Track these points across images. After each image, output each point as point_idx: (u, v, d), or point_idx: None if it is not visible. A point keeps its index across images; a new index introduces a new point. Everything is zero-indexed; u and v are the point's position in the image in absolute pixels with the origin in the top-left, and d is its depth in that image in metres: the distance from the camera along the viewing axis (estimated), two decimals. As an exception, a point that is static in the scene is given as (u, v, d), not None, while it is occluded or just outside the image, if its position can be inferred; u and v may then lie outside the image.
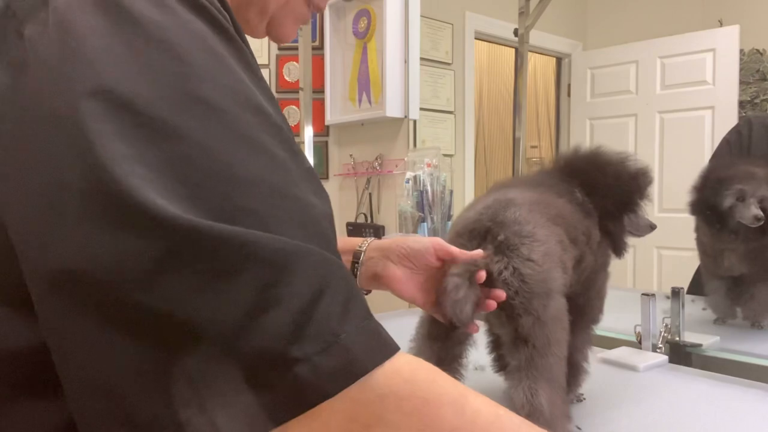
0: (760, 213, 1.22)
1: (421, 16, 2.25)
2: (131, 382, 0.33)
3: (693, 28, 2.18)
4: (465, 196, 2.45)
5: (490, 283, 0.73)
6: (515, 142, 2.11)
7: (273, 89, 2.56)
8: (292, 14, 0.61)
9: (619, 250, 0.95)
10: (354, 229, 2.41)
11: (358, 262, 0.82)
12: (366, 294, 0.83)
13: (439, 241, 0.78)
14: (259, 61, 2.52)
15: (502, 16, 2.44)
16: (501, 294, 0.73)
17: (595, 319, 0.96)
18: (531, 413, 0.69)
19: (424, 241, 0.79)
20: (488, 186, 0.93)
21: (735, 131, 1.56)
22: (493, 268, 0.73)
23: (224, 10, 0.44)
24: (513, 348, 0.74)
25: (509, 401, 0.73)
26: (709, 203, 1.29)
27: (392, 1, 2.19)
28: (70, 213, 0.34)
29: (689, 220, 1.40)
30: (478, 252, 0.74)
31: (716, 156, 1.57)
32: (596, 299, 0.94)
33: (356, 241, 0.83)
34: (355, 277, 0.81)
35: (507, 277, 0.72)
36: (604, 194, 0.90)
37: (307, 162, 0.42)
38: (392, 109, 2.21)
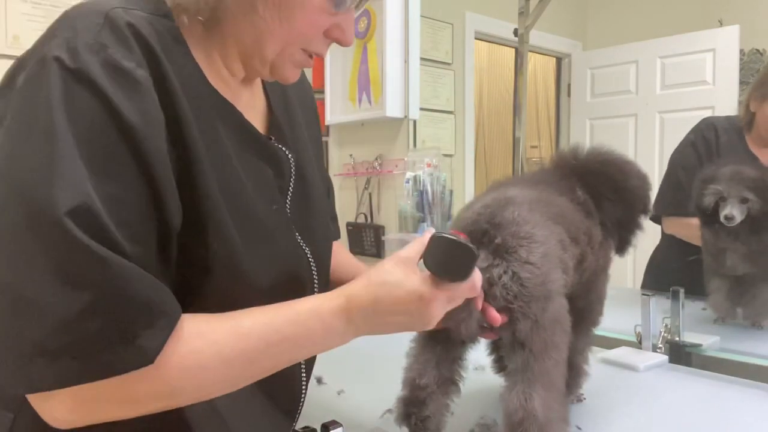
0: (732, 213, 1.23)
1: (421, 16, 2.25)
2: None
3: (693, 28, 2.18)
4: (465, 196, 2.44)
5: (490, 287, 0.72)
6: (515, 142, 2.11)
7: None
8: (290, 61, 0.71)
9: (623, 249, 0.96)
10: (354, 229, 2.41)
11: None
12: None
13: None
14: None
15: (502, 16, 2.43)
16: (496, 319, 0.72)
17: (595, 322, 0.95)
18: (525, 417, 0.69)
19: None
20: (488, 185, 0.93)
21: (700, 136, 1.56)
22: (493, 273, 0.72)
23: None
24: (511, 351, 0.73)
25: (503, 404, 0.72)
26: (696, 204, 1.32)
27: (392, 1, 2.19)
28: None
29: (689, 220, 1.40)
30: None
31: (683, 161, 1.57)
32: (596, 302, 0.94)
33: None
34: None
35: (506, 281, 0.71)
36: (610, 205, 0.92)
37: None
38: (392, 109, 2.20)
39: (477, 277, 0.68)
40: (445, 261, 0.63)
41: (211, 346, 0.58)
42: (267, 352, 0.62)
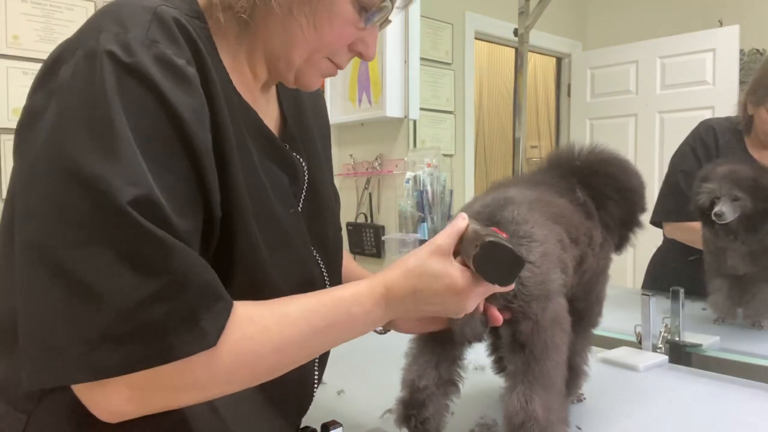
0: (721, 210, 1.24)
1: (421, 16, 2.25)
2: None
3: (693, 28, 2.18)
4: (465, 196, 2.44)
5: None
6: (515, 142, 2.11)
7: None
8: (315, 68, 0.72)
9: (623, 247, 0.97)
10: (354, 229, 2.41)
11: None
12: (384, 332, 0.88)
13: None
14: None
15: (502, 16, 2.43)
16: (497, 319, 0.72)
17: (594, 323, 0.95)
18: (525, 420, 0.69)
19: None
20: (488, 186, 0.93)
21: (699, 140, 1.56)
22: None
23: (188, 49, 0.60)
24: (510, 352, 0.73)
25: (504, 406, 0.72)
26: (693, 202, 1.33)
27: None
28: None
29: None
30: None
31: (682, 166, 1.57)
32: (596, 304, 0.94)
33: None
34: None
35: None
36: (613, 205, 0.92)
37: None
38: (392, 109, 2.20)
39: None
40: (496, 267, 0.64)
41: (262, 333, 0.60)
42: (314, 339, 0.63)
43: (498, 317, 0.72)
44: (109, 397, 0.55)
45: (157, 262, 0.53)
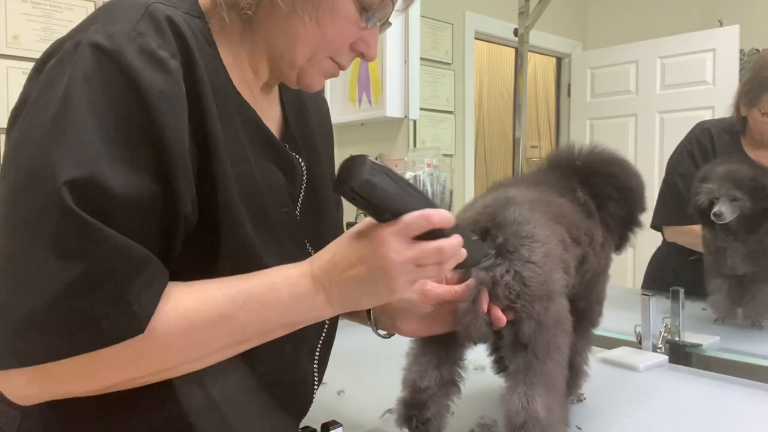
0: (720, 210, 1.25)
1: (421, 16, 2.25)
2: None
3: (693, 28, 2.18)
4: (465, 196, 2.44)
5: (493, 287, 0.72)
6: (515, 142, 2.11)
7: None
8: (318, 68, 0.72)
9: (622, 247, 0.97)
10: (354, 229, 2.41)
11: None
12: (388, 337, 0.86)
13: (423, 290, 0.77)
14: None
15: (502, 16, 2.44)
16: (501, 320, 0.72)
17: (595, 323, 0.95)
18: (526, 420, 0.68)
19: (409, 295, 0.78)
20: (488, 186, 0.93)
21: (695, 141, 1.56)
22: (495, 272, 0.72)
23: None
24: (512, 352, 0.73)
25: (505, 406, 0.72)
26: (691, 202, 1.33)
27: (392, 1, 2.18)
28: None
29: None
30: (462, 287, 0.73)
31: (680, 169, 1.57)
32: (596, 304, 0.94)
33: None
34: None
35: (509, 281, 0.71)
36: (613, 205, 0.92)
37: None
38: (392, 109, 2.20)
39: (429, 212, 0.60)
40: (342, 174, 0.53)
41: (175, 309, 0.56)
42: (233, 315, 0.59)
43: (502, 318, 0.72)
44: (10, 380, 0.54)
45: (81, 248, 0.51)
